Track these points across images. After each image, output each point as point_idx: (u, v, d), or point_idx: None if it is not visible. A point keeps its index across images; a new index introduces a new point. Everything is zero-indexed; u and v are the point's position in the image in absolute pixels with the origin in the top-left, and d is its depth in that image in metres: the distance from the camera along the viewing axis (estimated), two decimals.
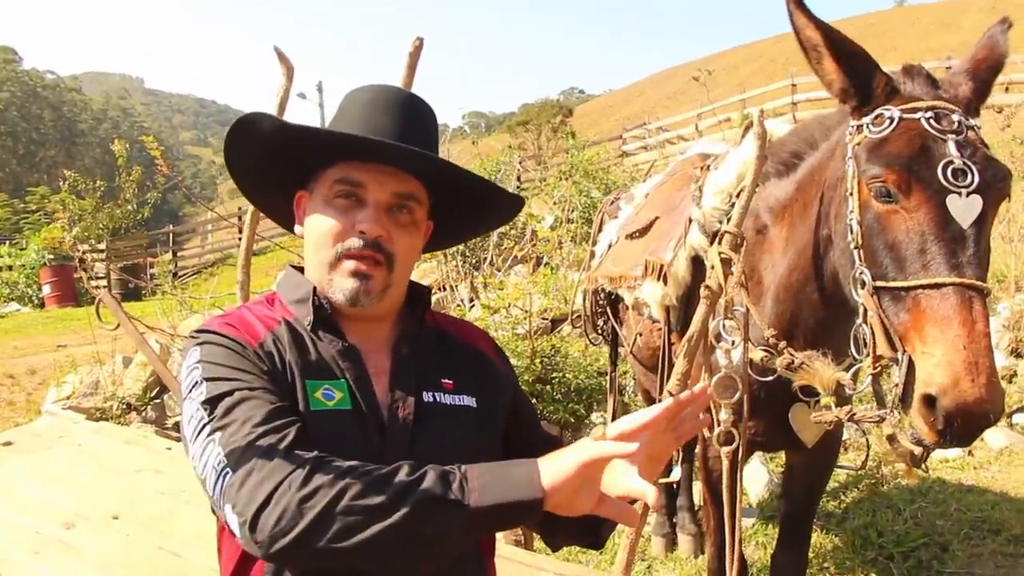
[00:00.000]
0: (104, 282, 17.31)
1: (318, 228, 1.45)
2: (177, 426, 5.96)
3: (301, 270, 1.55)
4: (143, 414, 6.69)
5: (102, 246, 21.99)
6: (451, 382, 1.52)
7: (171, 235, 28.15)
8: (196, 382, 1.32)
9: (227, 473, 1.20)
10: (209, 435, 1.25)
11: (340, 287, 1.43)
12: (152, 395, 6.85)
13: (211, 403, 1.28)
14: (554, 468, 1.19)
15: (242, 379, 1.31)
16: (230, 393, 1.28)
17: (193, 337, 1.42)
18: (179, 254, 27.18)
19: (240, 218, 26.13)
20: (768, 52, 47.42)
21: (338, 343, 1.44)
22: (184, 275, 24.08)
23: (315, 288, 1.46)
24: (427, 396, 1.47)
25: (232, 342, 1.36)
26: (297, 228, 1.55)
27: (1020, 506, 4.10)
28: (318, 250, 1.45)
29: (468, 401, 1.52)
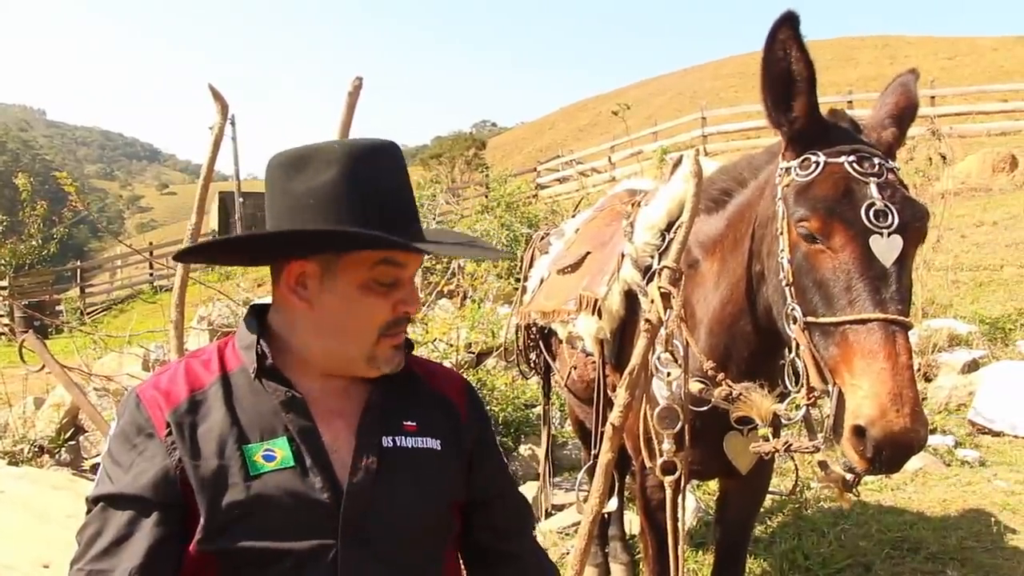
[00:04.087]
0: (6, 320, 16.63)
1: (358, 315, 1.40)
2: (95, 468, 5.75)
3: (262, 310, 1.52)
4: (57, 456, 6.42)
5: (4, 283, 21.12)
6: (414, 424, 1.50)
7: (78, 271, 27.23)
8: (101, 464, 1.37)
9: None
10: (74, 554, 1.31)
11: (387, 363, 1.44)
12: (67, 436, 6.59)
13: (92, 503, 1.34)
14: None
15: (121, 482, 1.32)
16: (104, 506, 1.32)
17: (125, 396, 1.42)
18: (87, 290, 26.29)
19: (151, 253, 25.49)
20: (675, 86, 48.61)
21: (282, 392, 1.39)
22: (93, 312, 23.25)
23: (259, 337, 1.43)
24: (387, 441, 1.45)
25: (133, 431, 1.35)
26: (283, 294, 1.44)
27: (936, 525, 4.28)
28: (359, 335, 1.42)
29: (432, 443, 1.50)
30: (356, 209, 1.34)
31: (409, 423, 1.50)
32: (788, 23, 1.79)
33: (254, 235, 1.44)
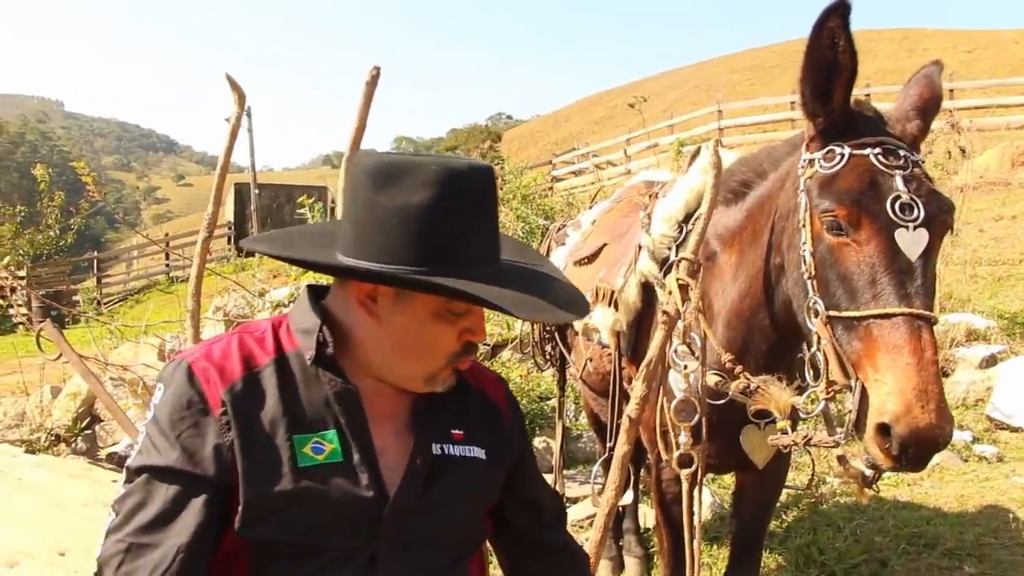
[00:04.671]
0: (24, 309, 16.75)
1: (426, 341, 1.37)
2: (110, 457, 5.79)
3: (320, 291, 1.47)
4: (73, 445, 6.45)
5: (22, 273, 21.27)
6: (462, 432, 1.48)
7: (95, 261, 27.40)
8: (144, 433, 1.32)
9: None
10: (111, 523, 1.28)
11: (443, 384, 1.41)
12: (83, 426, 6.62)
13: (135, 472, 1.29)
14: None
15: (170, 456, 1.27)
16: (149, 478, 1.27)
17: (172, 364, 1.36)
18: (103, 280, 26.46)
19: (167, 244, 25.62)
20: (691, 79, 48.32)
21: (337, 383, 1.35)
22: (109, 302, 23.41)
23: (322, 324, 1.37)
24: (436, 448, 1.43)
25: (184, 403, 1.30)
26: (350, 302, 1.39)
27: (953, 521, 4.25)
28: (424, 359, 1.38)
29: (478, 452, 1.49)
30: (443, 242, 1.28)
31: (457, 431, 1.48)
32: (839, 12, 1.74)
33: (338, 266, 1.33)
